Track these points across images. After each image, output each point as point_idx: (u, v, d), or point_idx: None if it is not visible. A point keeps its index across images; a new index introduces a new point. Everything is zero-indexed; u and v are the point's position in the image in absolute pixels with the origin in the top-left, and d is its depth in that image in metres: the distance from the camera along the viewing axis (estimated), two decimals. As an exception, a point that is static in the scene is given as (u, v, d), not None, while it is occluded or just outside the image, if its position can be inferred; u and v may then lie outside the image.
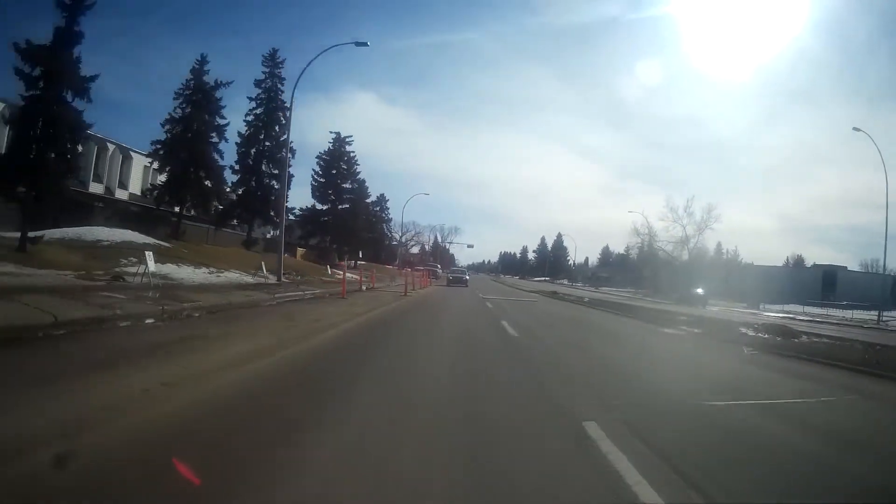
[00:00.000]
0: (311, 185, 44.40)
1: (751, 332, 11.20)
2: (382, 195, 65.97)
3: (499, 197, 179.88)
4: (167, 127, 21.51)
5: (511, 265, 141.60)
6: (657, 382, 5.68)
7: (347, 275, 29.02)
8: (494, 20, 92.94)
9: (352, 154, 45.84)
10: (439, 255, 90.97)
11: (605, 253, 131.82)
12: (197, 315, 7.65)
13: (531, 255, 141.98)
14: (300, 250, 42.04)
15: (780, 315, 27.88)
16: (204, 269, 15.02)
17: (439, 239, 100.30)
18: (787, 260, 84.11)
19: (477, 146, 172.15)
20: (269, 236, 39.01)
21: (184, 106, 21.27)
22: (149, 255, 10.23)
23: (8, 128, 13.79)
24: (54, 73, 13.04)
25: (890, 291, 58.83)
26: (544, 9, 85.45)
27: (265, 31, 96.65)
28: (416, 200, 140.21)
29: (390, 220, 65.02)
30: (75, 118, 13.08)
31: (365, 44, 18.30)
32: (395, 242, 72.11)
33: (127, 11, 67.25)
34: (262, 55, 28.00)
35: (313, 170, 45.12)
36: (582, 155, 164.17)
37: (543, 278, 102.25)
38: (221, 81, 21.82)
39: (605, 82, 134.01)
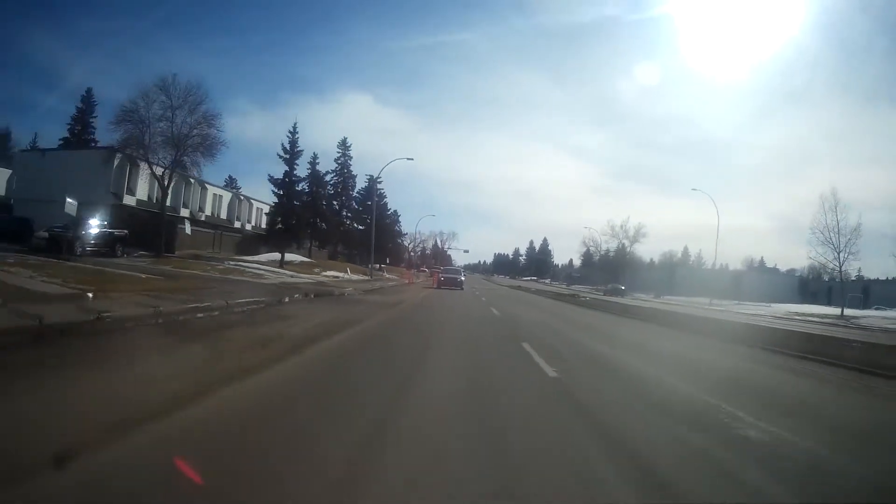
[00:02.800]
0: (354, 211, 62.36)
1: (570, 295, 29.29)
2: (395, 211, 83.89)
3: (493, 197, 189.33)
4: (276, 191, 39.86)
5: (504, 266, 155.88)
6: (497, 296, 23.76)
7: (388, 274, 47.10)
8: (488, 22, 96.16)
9: (381, 190, 63.92)
10: (439, 257, 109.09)
11: (587, 255, 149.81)
12: (380, 288, 25.56)
13: (522, 257, 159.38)
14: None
15: (659, 301, 46.01)
16: (343, 273, 32.74)
17: (439, 244, 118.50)
18: (752, 261, 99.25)
19: (471, 147, 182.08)
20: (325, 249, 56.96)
21: (309, 185, 39.28)
22: (349, 268, 28.07)
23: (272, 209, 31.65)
24: (288, 195, 30.94)
25: (798, 290, 76.90)
26: (537, 10, 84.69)
27: (260, 31, 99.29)
28: (416, 203, 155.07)
29: (405, 234, 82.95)
30: (305, 214, 31.00)
31: (411, 158, 36.32)
32: (400, 242, 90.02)
33: (121, 12, 72.75)
34: (338, 142, 46.24)
35: (355, 199, 63.07)
36: (575, 155, 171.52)
37: (531, 278, 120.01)
38: (327, 170, 40.19)
39: (598, 83, 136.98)
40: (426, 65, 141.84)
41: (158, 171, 27.57)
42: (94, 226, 23.26)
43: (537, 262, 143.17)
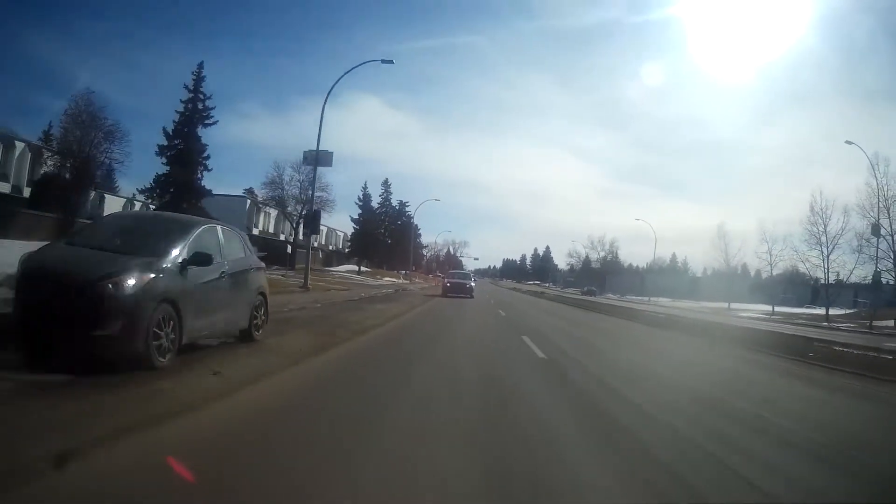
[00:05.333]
0: (388, 229, 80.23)
1: (540, 293, 46.58)
2: (416, 225, 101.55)
3: (503, 200, 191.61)
4: (356, 225, 57.47)
5: (512, 271, 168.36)
6: (495, 293, 41.18)
7: (417, 279, 64.69)
8: (493, 26, 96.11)
9: (408, 213, 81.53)
10: (452, 262, 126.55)
11: (586, 261, 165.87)
12: (424, 287, 42.99)
13: (528, 263, 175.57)
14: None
15: (615, 298, 62.97)
16: (396, 279, 50.07)
17: (451, 251, 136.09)
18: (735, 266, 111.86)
19: (480, 151, 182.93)
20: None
21: (366, 217, 56.94)
22: (403, 273, 45.43)
23: (351, 236, 49.44)
24: (363, 228, 48.71)
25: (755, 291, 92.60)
26: (540, 13, 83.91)
27: (265, 34, 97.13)
28: (429, 208, 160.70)
29: (426, 246, 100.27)
30: (376, 232, 48.69)
31: (438, 199, 53.60)
32: (421, 252, 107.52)
33: (125, 16, 71.68)
34: (381, 182, 63.97)
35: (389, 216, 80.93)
36: (583, 158, 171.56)
37: (535, 282, 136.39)
38: (378, 203, 58.10)
39: (604, 85, 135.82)
40: (433, 69, 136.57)
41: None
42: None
43: (540, 267, 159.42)
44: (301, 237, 48.91)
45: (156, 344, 4.68)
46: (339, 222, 63.84)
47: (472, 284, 31.36)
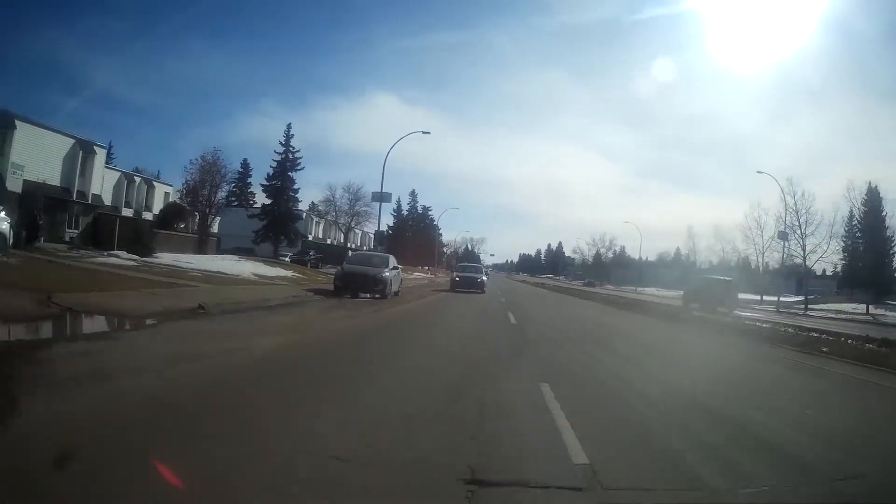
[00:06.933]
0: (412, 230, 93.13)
1: (541, 283, 58.89)
2: (437, 225, 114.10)
3: (520, 197, 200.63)
4: (390, 231, 70.39)
5: (527, 265, 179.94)
6: (504, 283, 53.73)
7: (439, 273, 77.38)
8: (509, 22, 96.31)
9: (430, 216, 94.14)
10: (468, 258, 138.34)
11: (596, 255, 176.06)
12: (444, 280, 55.62)
13: (542, 258, 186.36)
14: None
15: (611, 288, 74.77)
16: (425, 274, 62.66)
17: (469, 247, 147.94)
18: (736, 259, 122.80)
19: (498, 147, 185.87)
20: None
21: (400, 224, 69.64)
22: (427, 269, 58.12)
23: (386, 238, 62.52)
24: (398, 231, 61.49)
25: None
26: (557, 9, 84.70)
27: (277, 35, 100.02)
28: (446, 203, 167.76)
29: (446, 245, 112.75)
30: (405, 235, 61.47)
31: (457, 208, 66.00)
32: (442, 250, 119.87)
33: (141, 15, 73.90)
34: (409, 192, 76.97)
35: (412, 218, 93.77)
36: (600, 155, 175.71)
37: (548, 276, 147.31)
38: (407, 211, 70.69)
39: (621, 82, 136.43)
40: (451, 66, 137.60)
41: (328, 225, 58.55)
42: (312, 252, 53.02)
43: (552, 262, 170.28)
44: (346, 242, 62.31)
45: (390, 292, 17.45)
46: (369, 225, 76.11)
47: (484, 278, 30.47)
